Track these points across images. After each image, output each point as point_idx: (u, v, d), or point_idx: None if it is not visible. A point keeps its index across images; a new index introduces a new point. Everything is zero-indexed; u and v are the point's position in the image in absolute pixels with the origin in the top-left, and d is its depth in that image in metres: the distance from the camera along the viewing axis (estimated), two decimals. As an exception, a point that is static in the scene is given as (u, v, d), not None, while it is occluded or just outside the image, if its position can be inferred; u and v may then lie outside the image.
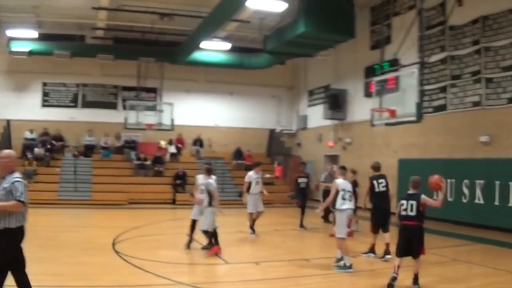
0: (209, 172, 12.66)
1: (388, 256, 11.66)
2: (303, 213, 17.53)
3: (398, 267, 9.15)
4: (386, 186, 12.38)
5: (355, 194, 12.27)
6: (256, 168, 16.24)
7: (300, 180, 18.04)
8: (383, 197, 12.29)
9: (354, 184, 13.55)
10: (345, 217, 10.80)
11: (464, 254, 12.89)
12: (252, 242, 14.69)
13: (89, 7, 22.74)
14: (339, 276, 10.29)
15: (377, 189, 12.33)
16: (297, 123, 31.97)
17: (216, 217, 11.98)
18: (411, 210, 9.24)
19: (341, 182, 10.95)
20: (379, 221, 12.23)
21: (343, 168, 12.34)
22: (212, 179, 12.46)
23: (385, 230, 12.09)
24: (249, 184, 15.71)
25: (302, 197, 17.94)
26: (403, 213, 9.34)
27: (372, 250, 12.26)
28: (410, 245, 9.24)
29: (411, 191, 9.45)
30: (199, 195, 12.64)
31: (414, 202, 9.27)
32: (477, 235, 15.71)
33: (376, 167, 12.62)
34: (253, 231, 15.46)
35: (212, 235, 12.13)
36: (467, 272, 10.87)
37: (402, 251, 9.32)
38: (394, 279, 9.03)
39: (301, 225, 17.33)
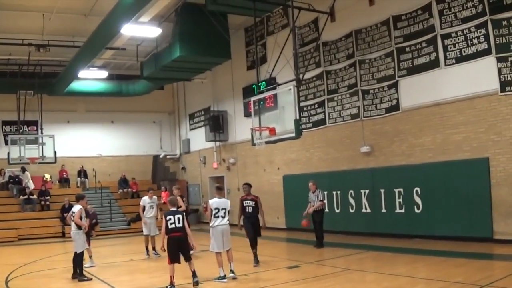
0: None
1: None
2: None
3: None
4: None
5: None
6: (149, 193, 15.62)
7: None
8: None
9: None
10: (216, 233, 10.69)
11: (356, 262, 12.33)
12: (145, 269, 13.43)
13: (-36, 42, 19.82)
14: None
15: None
16: (180, 147, 29.94)
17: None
18: (179, 223, 9.76)
19: (213, 201, 10.87)
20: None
21: (218, 188, 11.64)
22: None
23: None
24: (143, 208, 15.14)
25: None
26: (172, 226, 9.70)
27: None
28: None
29: (173, 209, 10.02)
30: None
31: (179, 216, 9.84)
32: (367, 243, 14.88)
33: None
34: (148, 252, 14.81)
35: None
36: (360, 280, 10.27)
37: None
38: None
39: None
